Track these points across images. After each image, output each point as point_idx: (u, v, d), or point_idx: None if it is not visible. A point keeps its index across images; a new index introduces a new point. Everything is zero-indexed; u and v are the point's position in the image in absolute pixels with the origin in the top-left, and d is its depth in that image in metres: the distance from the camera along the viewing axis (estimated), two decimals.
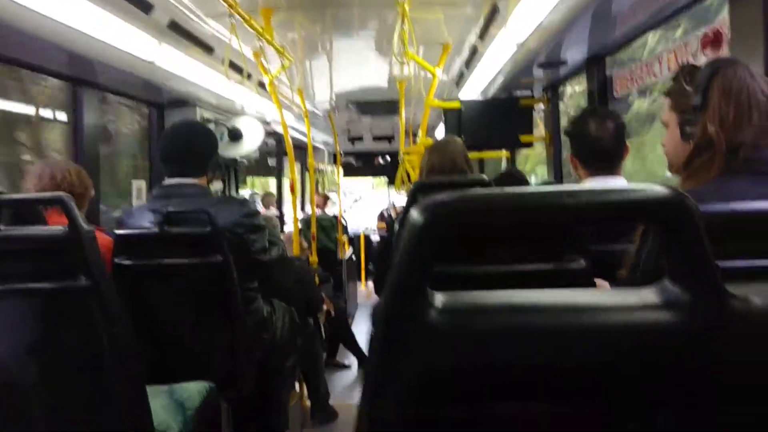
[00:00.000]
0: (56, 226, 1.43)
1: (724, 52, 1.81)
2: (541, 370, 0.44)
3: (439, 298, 0.45)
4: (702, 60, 1.89)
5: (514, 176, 3.12)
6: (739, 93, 1.19)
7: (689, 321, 0.42)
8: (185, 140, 2.14)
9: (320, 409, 3.41)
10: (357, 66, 4.27)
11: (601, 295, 0.45)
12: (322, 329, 3.67)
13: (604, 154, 1.94)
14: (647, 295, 0.44)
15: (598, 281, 1.58)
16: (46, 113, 3.29)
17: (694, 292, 0.42)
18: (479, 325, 0.44)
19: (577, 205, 0.41)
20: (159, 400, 1.62)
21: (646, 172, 4.80)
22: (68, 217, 1.21)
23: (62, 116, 3.17)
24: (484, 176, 1.57)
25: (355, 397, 4.24)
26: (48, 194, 1.77)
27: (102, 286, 1.23)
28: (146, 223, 2.03)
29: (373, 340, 0.45)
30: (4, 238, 1.25)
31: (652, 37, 2.63)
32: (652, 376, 0.42)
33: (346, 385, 4.54)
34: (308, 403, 3.38)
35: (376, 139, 7.68)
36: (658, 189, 0.42)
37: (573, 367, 0.43)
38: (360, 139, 7.69)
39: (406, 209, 1.42)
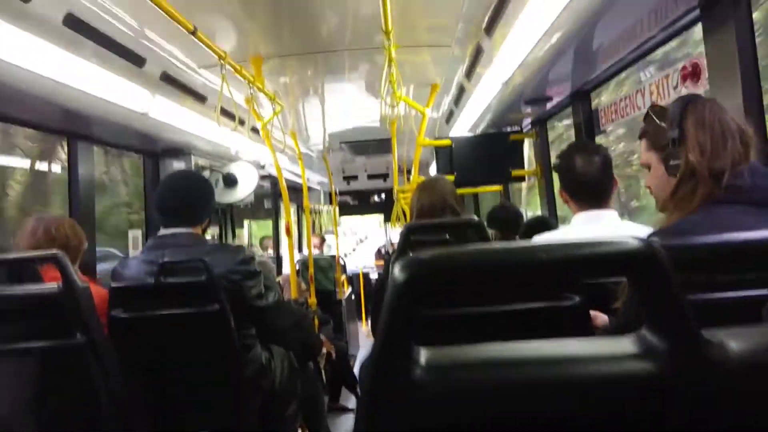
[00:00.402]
0: (51, 282, 1.43)
1: (703, 83, 1.86)
2: (522, 422, 0.44)
3: (423, 354, 0.45)
4: (683, 91, 1.94)
5: (507, 209, 3.15)
6: (713, 122, 1.24)
7: (666, 369, 0.43)
8: (182, 192, 2.16)
9: None
10: (349, 107, 4.34)
11: (581, 344, 0.46)
12: (323, 373, 3.62)
13: (593, 189, 1.97)
14: (625, 344, 0.45)
15: (594, 313, 1.59)
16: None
17: (670, 340, 0.43)
18: (462, 381, 0.44)
19: (551, 260, 0.42)
20: None
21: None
22: (62, 274, 1.22)
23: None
24: (474, 216, 1.59)
25: None
26: (42, 252, 1.78)
27: (98, 341, 1.24)
28: (141, 274, 2.04)
29: (360, 396, 0.45)
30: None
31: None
32: (631, 425, 0.43)
33: (349, 429, 4.46)
34: None
35: (371, 177, 7.75)
36: (630, 242, 0.43)
37: (553, 419, 0.43)
38: (355, 178, 7.76)
39: (400, 250, 1.43)
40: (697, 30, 1.87)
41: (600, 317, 1.63)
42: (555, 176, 2.32)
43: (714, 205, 1.22)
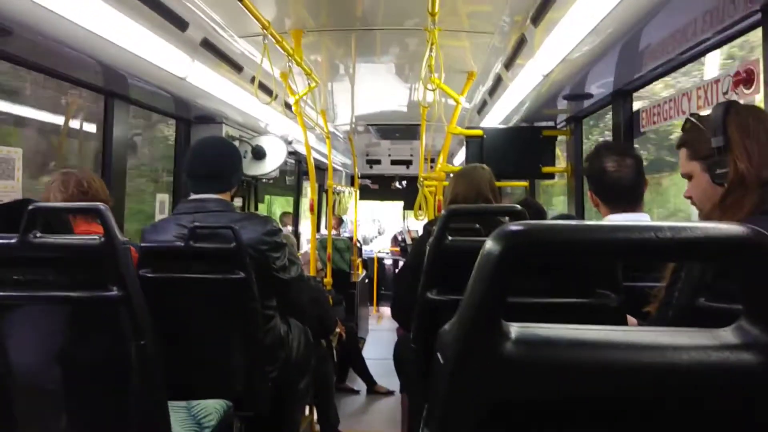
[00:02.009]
0: (85, 234, 1.44)
1: (757, 90, 1.81)
2: (609, 403, 0.43)
3: (513, 330, 0.44)
4: (734, 98, 1.89)
5: (531, 207, 3.12)
6: (757, 129, 1.22)
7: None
8: (213, 157, 2.17)
9: None
10: (378, 89, 4.31)
11: (673, 334, 0.45)
12: (334, 352, 3.65)
13: (625, 191, 1.94)
14: (724, 335, 0.43)
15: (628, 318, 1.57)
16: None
17: None
18: (552, 358, 0.43)
19: (661, 241, 0.41)
20: (178, 416, 1.62)
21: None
22: (105, 228, 1.23)
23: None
24: (517, 206, 1.57)
25: (364, 423, 4.20)
26: (85, 204, 1.79)
27: (133, 298, 1.24)
28: (171, 236, 2.05)
29: (439, 370, 0.44)
30: (41, 246, 1.26)
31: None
32: (729, 415, 0.41)
33: (354, 410, 4.49)
34: (318, 428, 3.34)
35: (394, 162, 7.72)
36: (738, 227, 0.42)
37: (647, 403, 0.42)
38: (378, 162, 7.74)
39: (439, 233, 1.42)
40: None
41: (630, 320, 1.61)
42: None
43: (763, 215, 1.20)
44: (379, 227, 11.83)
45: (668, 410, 0.42)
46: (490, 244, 0.43)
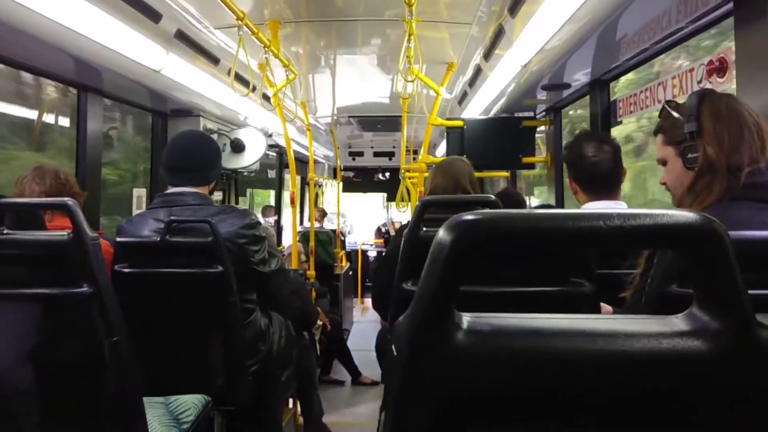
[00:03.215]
0: (55, 230, 1.42)
1: (729, 79, 1.83)
2: (562, 393, 0.43)
3: (465, 319, 0.44)
4: (708, 86, 1.90)
5: (510, 197, 3.13)
6: (729, 116, 1.24)
7: (717, 349, 0.42)
8: (190, 150, 2.15)
9: (314, 427, 3.36)
10: (359, 81, 4.29)
11: (627, 322, 0.45)
12: (317, 345, 3.64)
13: (604, 179, 1.96)
14: (676, 322, 0.43)
15: (602, 305, 1.58)
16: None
17: (723, 320, 0.42)
18: (505, 348, 0.43)
19: (610, 229, 0.40)
20: (155, 412, 1.60)
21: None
22: (73, 223, 1.20)
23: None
24: (491, 196, 1.57)
25: (349, 414, 4.21)
26: (53, 199, 1.76)
27: (104, 294, 1.22)
28: (147, 231, 2.02)
29: (395, 360, 0.44)
30: (6, 242, 1.24)
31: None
32: (677, 402, 0.42)
33: (339, 402, 4.49)
34: (301, 420, 3.34)
35: (377, 154, 7.71)
36: (687, 214, 0.42)
37: (597, 391, 0.42)
38: (360, 154, 7.72)
39: (414, 224, 1.42)
40: None
41: (605, 307, 1.63)
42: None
43: (731, 202, 1.21)
44: (347, 226, 10.08)
45: (621, 398, 0.42)
46: (442, 234, 0.43)
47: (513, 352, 0.43)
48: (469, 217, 0.43)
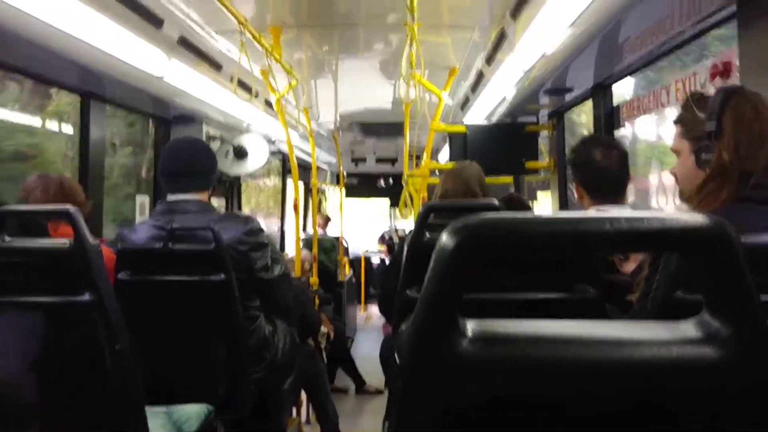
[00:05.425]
0: (60, 238, 1.41)
1: (733, 83, 1.82)
2: (570, 401, 0.42)
3: (469, 326, 0.43)
4: (711, 90, 1.89)
5: (514, 201, 3.11)
6: (751, 121, 1.20)
7: (730, 355, 0.41)
8: (187, 156, 2.14)
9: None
10: (362, 87, 4.29)
11: (635, 328, 0.44)
12: (323, 352, 3.62)
13: (611, 183, 1.94)
14: (686, 329, 0.42)
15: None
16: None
17: (735, 326, 0.41)
18: (510, 355, 0.42)
19: (617, 232, 0.40)
20: (157, 421, 1.59)
21: None
22: (74, 230, 1.20)
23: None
24: (494, 200, 1.55)
25: (353, 422, 4.18)
26: (54, 206, 1.76)
27: (106, 302, 1.21)
28: (149, 239, 2.02)
29: (399, 367, 0.43)
30: (8, 250, 1.23)
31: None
32: (691, 410, 0.40)
33: (343, 410, 4.46)
34: (305, 429, 3.31)
35: (380, 161, 7.70)
36: (697, 217, 0.41)
37: (604, 400, 0.41)
38: (363, 160, 7.71)
39: (417, 229, 1.41)
40: None
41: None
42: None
43: (739, 203, 1.19)
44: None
45: (630, 406, 0.41)
46: (444, 238, 0.42)
47: (518, 359, 0.42)
48: (473, 220, 0.42)
